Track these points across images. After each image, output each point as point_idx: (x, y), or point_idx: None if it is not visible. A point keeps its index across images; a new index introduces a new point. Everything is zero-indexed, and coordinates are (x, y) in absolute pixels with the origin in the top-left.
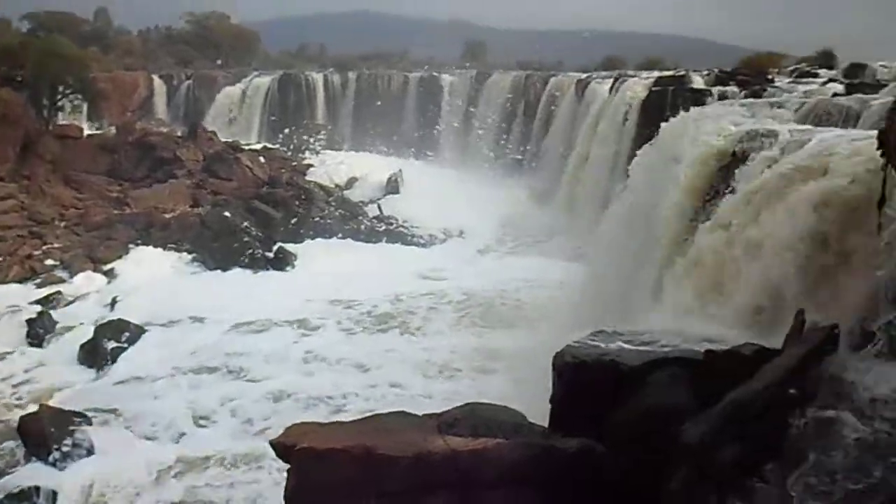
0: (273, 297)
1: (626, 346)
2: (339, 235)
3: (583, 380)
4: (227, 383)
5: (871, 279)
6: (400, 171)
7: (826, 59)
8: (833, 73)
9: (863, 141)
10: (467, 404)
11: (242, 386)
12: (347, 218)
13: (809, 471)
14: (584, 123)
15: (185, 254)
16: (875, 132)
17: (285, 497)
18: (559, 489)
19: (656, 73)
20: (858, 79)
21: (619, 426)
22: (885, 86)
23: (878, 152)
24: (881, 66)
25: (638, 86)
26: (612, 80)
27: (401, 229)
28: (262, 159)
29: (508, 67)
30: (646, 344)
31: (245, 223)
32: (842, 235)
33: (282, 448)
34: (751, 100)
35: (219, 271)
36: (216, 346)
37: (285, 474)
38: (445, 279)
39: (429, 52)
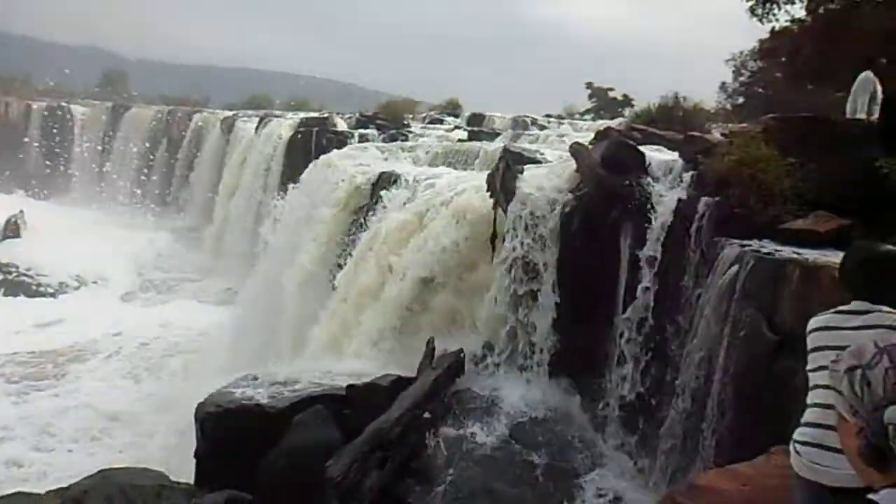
0: None
1: (272, 389)
2: None
3: (228, 428)
4: None
5: (489, 304)
6: (21, 212)
7: (453, 107)
8: (458, 120)
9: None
10: (100, 472)
11: None
12: None
13: (445, 487)
14: (230, 162)
15: None
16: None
17: None
18: None
19: (301, 114)
20: (479, 126)
21: (268, 471)
22: (500, 134)
23: (487, 194)
24: (496, 116)
25: (283, 126)
26: (258, 119)
27: (23, 278)
28: None
29: (150, 101)
30: (291, 385)
31: None
32: (468, 266)
33: None
34: (388, 143)
35: None
36: None
37: None
38: (71, 332)
39: (57, 79)
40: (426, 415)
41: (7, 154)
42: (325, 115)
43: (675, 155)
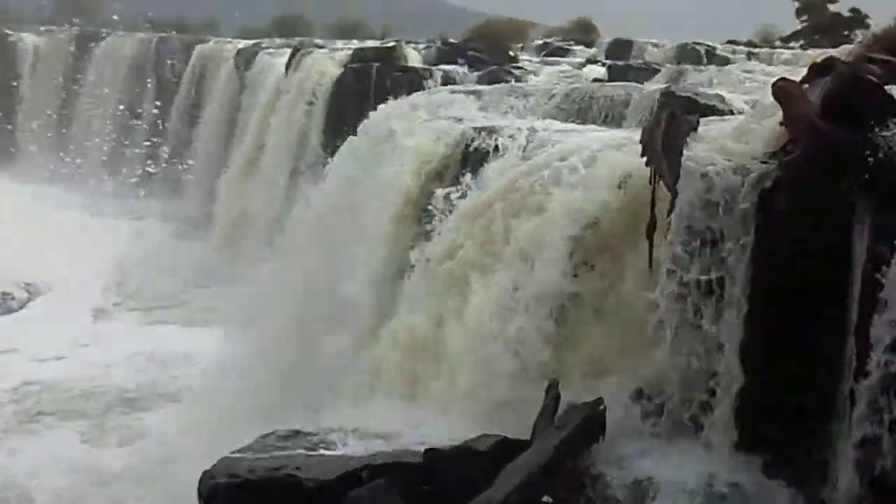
0: None
1: (312, 452)
2: None
3: None
4: None
5: (645, 330)
6: None
7: (584, 31)
8: (593, 50)
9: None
10: None
11: None
12: None
13: None
14: (250, 116)
15: None
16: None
17: None
18: None
19: (355, 44)
20: (625, 60)
21: None
22: (658, 70)
23: (643, 160)
24: (651, 44)
25: (328, 61)
26: (290, 52)
27: None
28: None
29: (132, 27)
30: (340, 447)
31: None
32: (606, 271)
33: None
34: (486, 86)
35: None
36: None
37: None
38: (21, 363)
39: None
40: (546, 499)
41: None
42: (391, 45)
43: None
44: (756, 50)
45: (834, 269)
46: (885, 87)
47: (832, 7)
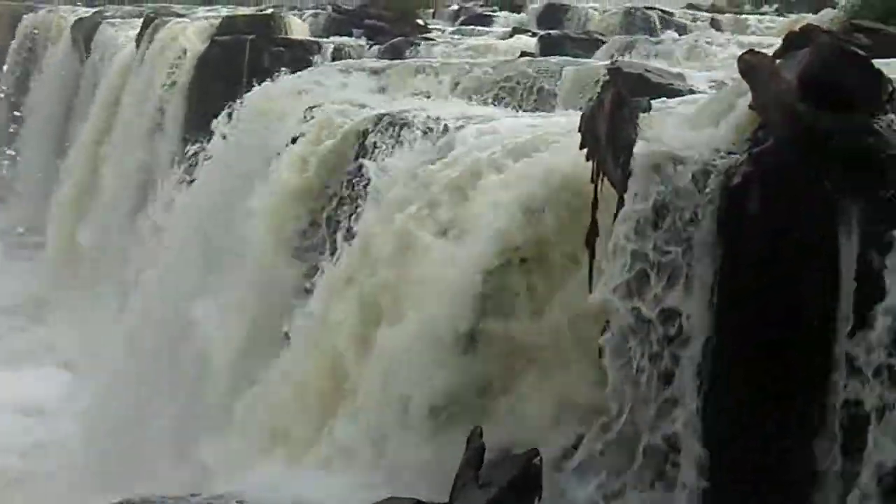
0: None
1: None
2: None
3: None
4: None
5: (586, 366)
6: None
7: None
8: (520, 16)
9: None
10: None
11: None
12: None
13: None
14: (92, 101)
15: None
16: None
17: None
18: None
19: (222, 10)
20: (559, 28)
21: None
22: (602, 42)
23: (583, 152)
24: (592, 9)
25: (190, 33)
26: (141, 22)
27: None
28: None
29: None
30: None
31: None
32: (543, 290)
33: None
34: (389, 62)
35: None
36: None
37: None
38: None
39: None
40: None
41: None
42: (269, 12)
43: None
44: (721, 16)
45: (817, 280)
46: (875, 63)
47: None
